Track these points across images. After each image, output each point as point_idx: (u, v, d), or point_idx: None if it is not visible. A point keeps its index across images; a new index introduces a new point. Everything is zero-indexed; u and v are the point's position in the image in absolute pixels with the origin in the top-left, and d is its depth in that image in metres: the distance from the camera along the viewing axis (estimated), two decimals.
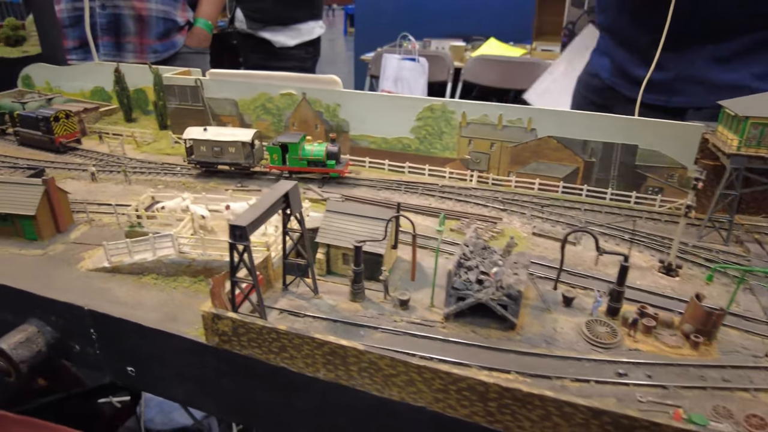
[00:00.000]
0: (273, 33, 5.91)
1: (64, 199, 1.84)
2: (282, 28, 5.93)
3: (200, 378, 1.36)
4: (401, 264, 1.68)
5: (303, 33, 6.09)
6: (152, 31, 3.98)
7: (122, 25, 3.79)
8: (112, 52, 3.85)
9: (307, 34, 6.14)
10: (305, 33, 6.11)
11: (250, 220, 1.13)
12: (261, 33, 5.90)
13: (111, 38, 3.81)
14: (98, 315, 1.42)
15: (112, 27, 3.77)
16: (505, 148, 2.29)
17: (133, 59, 3.92)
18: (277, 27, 5.91)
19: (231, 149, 2.29)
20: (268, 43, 5.95)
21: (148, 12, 3.88)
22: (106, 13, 3.70)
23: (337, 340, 1.15)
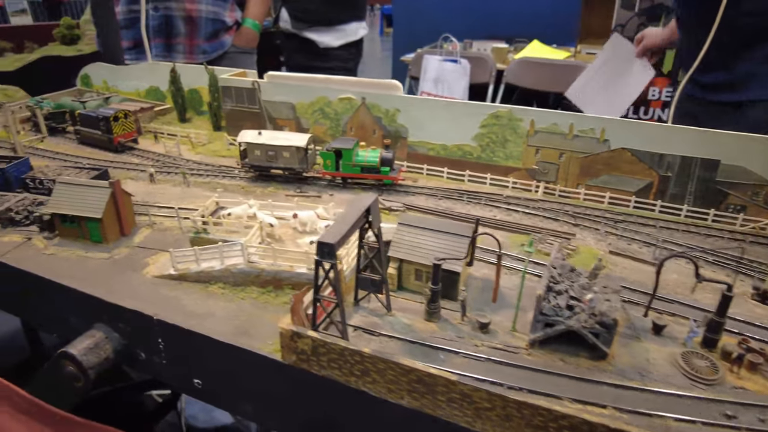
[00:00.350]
0: (318, 33, 5.89)
1: (129, 201, 1.82)
2: (327, 28, 5.91)
3: (271, 395, 1.31)
4: (472, 282, 1.60)
5: (347, 34, 6.06)
6: (202, 32, 3.99)
7: (173, 26, 3.81)
8: (163, 53, 3.88)
9: (351, 35, 6.10)
10: (349, 34, 6.07)
11: (338, 237, 1.07)
12: (305, 33, 5.89)
13: (162, 40, 3.84)
14: (167, 325, 1.38)
15: (163, 28, 3.79)
16: (574, 159, 2.18)
17: (183, 60, 3.94)
18: (321, 27, 5.89)
19: (285, 154, 2.25)
20: (312, 44, 5.94)
21: (198, 13, 3.89)
22: (158, 15, 3.73)
23: (426, 368, 1.08)
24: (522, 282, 1.36)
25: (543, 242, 1.86)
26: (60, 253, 1.75)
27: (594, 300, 1.28)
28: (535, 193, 2.24)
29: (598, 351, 1.29)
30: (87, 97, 3.04)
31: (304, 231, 1.71)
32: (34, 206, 1.94)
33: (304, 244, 1.56)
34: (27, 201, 1.97)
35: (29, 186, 2.06)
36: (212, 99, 2.81)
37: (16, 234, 1.86)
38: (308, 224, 1.70)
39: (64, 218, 1.79)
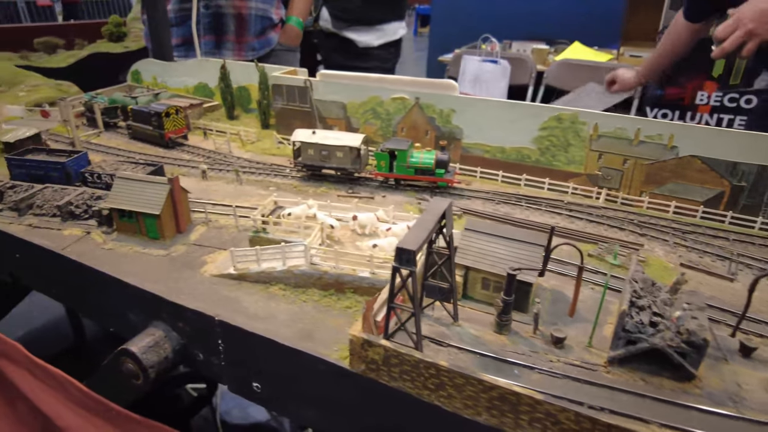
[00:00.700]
0: (357, 33, 5.88)
1: (186, 198, 1.81)
2: (367, 28, 5.89)
3: (335, 404, 1.27)
4: (540, 293, 1.52)
5: (387, 33, 6.03)
6: (251, 30, 4.01)
7: (223, 24, 3.84)
8: (213, 50, 3.91)
9: (391, 35, 6.07)
10: (389, 33, 6.04)
11: (418, 244, 1.02)
12: (345, 32, 5.88)
13: (212, 37, 3.88)
14: (229, 327, 1.35)
15: (213, 26, 3.83)
16: (639, 166, 2.08)
17: (232, 57, 3.96)
18: (361, 27, 5.88)
19: (339, 154, 2.21)
20: (352, 43, 5.93)
21: (248, 11, 3.91)
22: (209, 12, 3.76)
23: (510, 386, 1.02)
24: (603, 295, 1.29)
25: (610, 252, 1.77)
26: (118, 249, 1.75)
27: (682, 318, 1.20)
28: (597, 200, 2.14)
29: (684, 372, 1.20)
30: (137, 93, 3.08)
31: (363, 233, 1.67)
32: (93, 200, 1.96)
33: (366, 247, 1.51)
34: (86, 195, 1.98)
35: (87, 180, 2.07)
36: (261, 97, 2.80)
37: (76, 228, 1.88)
38: (368, 226, 1.66)
39: (122, 213, 1.78)
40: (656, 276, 1.61)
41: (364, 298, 1.45)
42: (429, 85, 2.30)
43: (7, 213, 1.98)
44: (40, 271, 1.89)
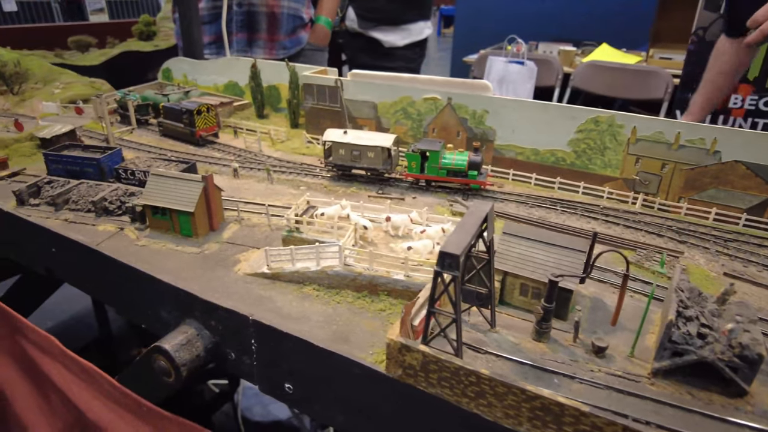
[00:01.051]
0: (383, 33, 5.87)
1: (219, 196, 1.82)
2: (393, 27, 5.88)
3: (369, 408, 1.25)
4: (579, 300, 1.48)
5: (413, 33, 6.01)
6: (283, 28, 4.04)
7: (255, 22, 3.88)
8: (244, 48, 3.96)
9: (417, 35, 6.05)
10: (415, 33, 6.02)
11: (462, 248, 0.99)
12: (371, 32, 5.88)
13: (244, 35, 3.92)
14: (263, 327, 1.34)
15: (246, 24, 3.86)
16: (679, 171, 2.01)
17: (263, 55, 4.00)
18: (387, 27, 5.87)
19: (370, 154, 2.19)
20: (377, 43, 5.92)
21: (280, 9, 3.94)
22: (242, 11, 3.80)
23: (554, 396, 0.98)
24: (648, 304, 1.24)
25: (649, 260, 1.72)
26: (151, 245, 1.76)
27: (735, 330, 1.15)
28: (633, 205, 2.08)
29: (736, 387, 1.15)
30: (168, 91, 3.11)
31: (396, 235, 1.65)
32: (126, 197, 1.97)
33: (401, 249, 1.49)
34: (120, 191, 2.00)
35: (121, 176, 2.10)
36: (291, 96, 2.80)
37: (110, 223, 1.90)
38: (401, 228, 1.64)
39: (155, 210, 1.80)
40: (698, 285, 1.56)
41: (398, 300, 1.43)
42: (462, 86, 2.27)
43: (44, 208, 2.01)
44: (75, 265, 1.91)
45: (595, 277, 1.58)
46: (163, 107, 2.76)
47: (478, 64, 7.17)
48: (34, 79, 3.60)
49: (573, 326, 1.30)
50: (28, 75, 3.53)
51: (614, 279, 1.59)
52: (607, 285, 1.57)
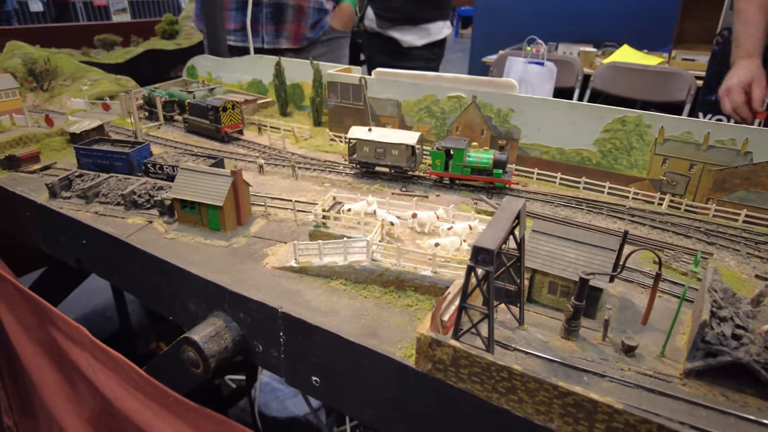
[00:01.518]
0: (402, 32, 5.87)
1: (247, 191, 1.84)
2: (411, 27, 5.88)
3: (397, 402, 1.25)
4: (608, 299, 1.47)
5: (431, 33, 6.00)
6: (308, 21, 4.13)
7: (283, 13, 3.97)
8: (273, 39, 4.07)
9: (435, 34, 6.04)
10: (434, 33, 6.02)
11: (497, 243, 0.99)
12: (390, 32, 5.89)
13: (273, 27, 4.02)
14: (292, 319, 1.36)
15: (274, 16, 3.95)
16: (707, 172, 1.99)
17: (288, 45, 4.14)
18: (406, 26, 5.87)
19: (394, 152, 2.20)
20: (396, 43, 5.93)
21: (306, 3, 4.02)
22: (271, 2, 3.87)
23: (586, 393, 0.98)
24: (680, 304, 1.23)
25: (677, 260, 1.70)
26: (180, 238, 1.79)
27: None
28: (659, 206, 2.06)
29: None
30: (193, 88, 3.15)
31: (423, 232, 1.65)
32: (155, 190, 2.01)
33: (428, 246, 1.50)
34: (148, 185, 2.04)
35: (149, 171, 2.13)
36: (315, 94, 2.82)
37: (139, 216, 1.93)
38: (427, 225, 1.64)
39: (183, 204, 1.82)
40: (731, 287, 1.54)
41: (425, 296, 1.44)
42: (488, 84, 2.27)
43: (75, 200, 2.05)
44: (104, 257, 1.95)
45: (622, 277, 1.57)
46: (189, 104, 2.80)
47: (497, 64, 7.14)
48: (63, 76, 3.68)
49: (602, 325, 1.29)
50: (57, 72, 3.61)
51: (641, 279, 1.58)
52: (635, 284, 1.56)
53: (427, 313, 1.35)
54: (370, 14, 6.11)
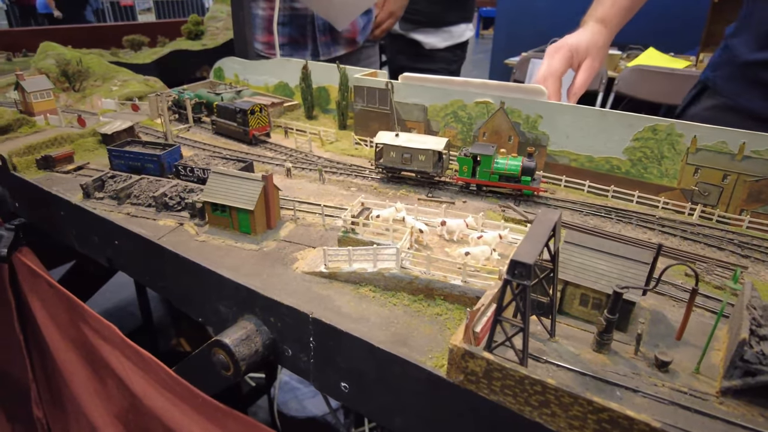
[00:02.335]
0: (425, 34, 5.87)
1: (277, 195, 1.86)
2: (434, 29, 5.88)
3: (427, 411, 1.26)
4: (639, 312, 1.45)
5: (454, 35, 5.99)
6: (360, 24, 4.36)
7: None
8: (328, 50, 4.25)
9: (458, 37, 6.03)
10: (456, 35, 6.01)
11: (534, 257, 0.99)
12: (412, 34, 5.89)
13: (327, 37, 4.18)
14: (323, 325, 1.37)
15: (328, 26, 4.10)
16: (742, 182, 1.95)
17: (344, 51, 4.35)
18: (429, 29, 5.87)
19: (421, 157, 2.20)
20: (418, 45, 5.93)
21: None
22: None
23: (622, 410, 0.97)
24: (717, 320, 1.21)
25: (710, 273, 1.67)
26: (211, 241, 1.81)
27: None
28: (690, 216, 2.03)
29: None
30: (221, 90, 3.19)
31: (451, 239, 1.66)
32: (186, 193, 2.04)
33: (457, 254, 1.50)
34: (179, 187, 2.07)
35: (180, 173, 2.17)
36: (341, 98, 2.83)
37: (170, 218, 1.97)
38: (456, 233, 1.64)
39: (214, 207, 1.85)
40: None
41: (454, 305, 1.44)
42: (517, 90, 2.26)
43: (108, 201, 2.10)
44: (136, 257, 1.99)
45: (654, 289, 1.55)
46: (217, 106, 2.83)
47: (519, 66, 7.08)
48: (94, 76, 3.75)
49: (635, 338, 1.28)
50: (89, 73, 3.69)
51: (674, 292, 1.56)
52: (666, 297, 1.54)
53: (459, 323, 1.36)
54: None
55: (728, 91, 2.56)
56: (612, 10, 2.50)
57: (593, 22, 2.52)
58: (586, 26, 2.54)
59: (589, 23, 2.53)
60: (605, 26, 2.50)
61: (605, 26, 2.50)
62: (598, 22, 2.50)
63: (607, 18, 2.49)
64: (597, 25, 2.50)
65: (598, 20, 2.51)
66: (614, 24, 2.52)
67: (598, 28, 2.49)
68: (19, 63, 4.86)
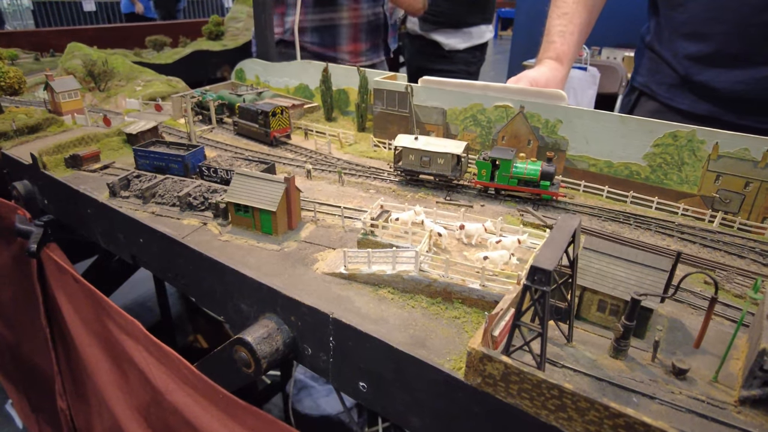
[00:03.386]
0: (444, 35, 5.89)
1: (298, 197, 1.90)
2: (455, 31, 5.89)
3: (443, 413, 1.28)
4: (656, 319, 1.46)
5: (473, 36, 6.00)
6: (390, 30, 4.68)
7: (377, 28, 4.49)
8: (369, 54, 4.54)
9: (478, 38, 6.04)
10: (476, 36, 6.01)
11: (554, 264, 1.01)
12: (432, 35, 5.91)
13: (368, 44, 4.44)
14: (343, 325, 1.40)
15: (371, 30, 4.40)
16: (765, 190, 1.93)
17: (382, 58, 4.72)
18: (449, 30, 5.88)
19: (440, 160, 2.22)
20: (437, 46, 5.95)
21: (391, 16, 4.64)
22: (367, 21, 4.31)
23: (639, 416, 0.99)
24: (737, 329, 1.22)
25: (730, 281, 1.67)
26: (233, 241, 1.86)
27: None
28: (710, 224, 2.02)
29: None
30: (242, 91, 3.25)
31: (470, 243, 1.67)
32: (210, 193, 2.09)
33: (476, 258, 1.52)
34: (203, 188, 2.12)
35: (203, 173, 2.22)
36: (360, 100, 2.86)
37: (194, 218, 2.01)
38: (474, 237, 1.66)
39: (237, 207, 1.89)
40: None
41: (472, 309, 1.46)
42: (536, 95, 2.26)
43: (133, 200, 2.16)
44: (160, 256, 2.04)
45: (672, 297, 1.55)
46: (239, 107, 2.88)
47: None
48: (118, 77, 3.84)
49: (652, 345, 1.29)
50: (113, 73, 3.77)
51: (692, 299, 1.56)
52: (685, 305, 1.54)
53: (477, 326, 1.38)
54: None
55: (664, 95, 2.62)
56: (565, 48, 2.62)
57: (549, 60, 2.63)
58: (542, 63, 2.64)
59: (545, 61, 2.63)
60: (561, 63, 2.61)
61: (561, 63, 2.61)
62: (555, 60, 2.62)
63: (562, 55, 2.62)
64: (554, 62, 2.61)
65: (554, 59, 2.62)
66: (569, 60, 2.65)
67: (555, 65, 2.60)
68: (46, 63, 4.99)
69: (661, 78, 2.64)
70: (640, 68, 2.84)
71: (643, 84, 2.79)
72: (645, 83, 2.77)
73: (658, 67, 2.66)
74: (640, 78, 2.82)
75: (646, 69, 2.77)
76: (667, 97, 2.61)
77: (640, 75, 2.82)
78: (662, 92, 2.64)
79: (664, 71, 2.61)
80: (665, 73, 2.60)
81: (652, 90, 2.71)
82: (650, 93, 2.73)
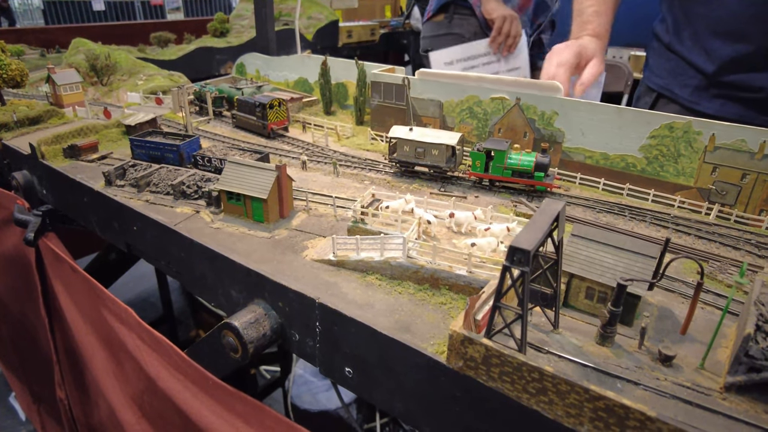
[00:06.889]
0: None
1: (290, 186, 1.90)
2: None
3: (428, 398, 1.27)
4: (645, 307, 1.44)
5: None
6: None
7: None
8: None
9: None
10: None
11: (533, 244, 1.00)
12: None
13: None
14: (329, 310, 1.40)
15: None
16: (762, 182, 1.91)
17: None
18: None
19: (434, 152, 2.22)
20: None
21: None
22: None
23: (618, 398, 0.97)
24: (722, 316, 1.20)
25: (723, 272, 1.65)
26: (225, 228, 1.86)
27: None
28: (706, 216, 2.00)
29: None
30: (242, 85, 3.26)
31: (459, 231, 1.67)
32: (203, 182, 2.09)
33: (464, 245, 1.51)
34: (197, 176, 2.13)
35: (198, 163, 2.23)
36: (359, 93, 2.86)
37: (187, 206, 2.02)
38: (464, 225, 1.65)
39: (230, 195, 1.90)
40: None
41: (459, 295, 1.45)
42: (532, 86, 2.25)
43: (129, 189, 2.17)
44: (153, 243, 2.05)
45: (662, 286, 1.53)
46: (237, 100, 2.89)
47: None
48: (121, 71, 3.87)
49: (639, 332, 1.27)
50: (116, 68, 3.80)
51: (683, 289, 1.54)
52: (676, 294, 1.52)
53: (461, 311, 1.37)
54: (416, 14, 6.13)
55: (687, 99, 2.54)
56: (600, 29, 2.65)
57: (589, 36, 2.63)
58: (583, 38, 2.64)
59: (585, 37, 2.63)
60: (600, 39, 2.63)
61: (600, 39, 2.63)
62: (594, 36, 2.62)
63: (601, 33, 2.65)
64: (593, 38, 2.62)
65: (592, 35, 2.63)
66: (606, 38, 2.68)
67: (595, 40, 2.61)
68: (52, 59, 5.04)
69: (684, 80, 2.52)
70: (657, 69, 2.72)
71: (662, 86, 2.66)
72: (665, 86, 2.65)
73: (679, 68, 2.53)
74: (659, 80, 2.69)
75: (665, 70, 2.64)
76: (691, 101, 2.50)
77: (658, 76, 2.70)
78: (686, 95, 2.52)
79: (687, 72, 2.50)
80: (689, 75, 2.49)
81: (674, 93, 2.59)
82: (671, 96, 2.61)
